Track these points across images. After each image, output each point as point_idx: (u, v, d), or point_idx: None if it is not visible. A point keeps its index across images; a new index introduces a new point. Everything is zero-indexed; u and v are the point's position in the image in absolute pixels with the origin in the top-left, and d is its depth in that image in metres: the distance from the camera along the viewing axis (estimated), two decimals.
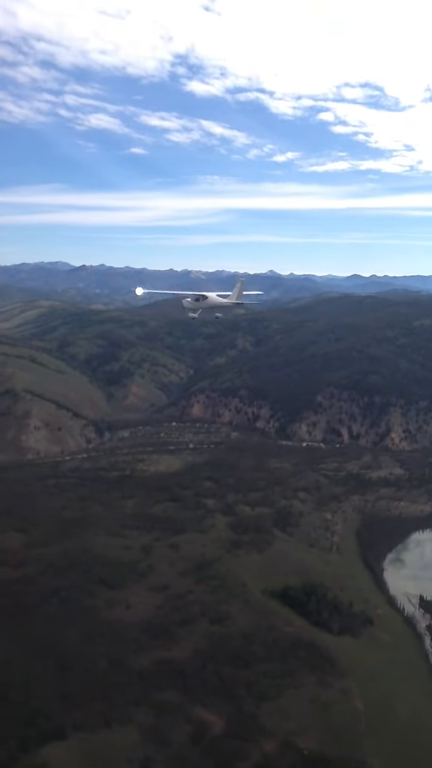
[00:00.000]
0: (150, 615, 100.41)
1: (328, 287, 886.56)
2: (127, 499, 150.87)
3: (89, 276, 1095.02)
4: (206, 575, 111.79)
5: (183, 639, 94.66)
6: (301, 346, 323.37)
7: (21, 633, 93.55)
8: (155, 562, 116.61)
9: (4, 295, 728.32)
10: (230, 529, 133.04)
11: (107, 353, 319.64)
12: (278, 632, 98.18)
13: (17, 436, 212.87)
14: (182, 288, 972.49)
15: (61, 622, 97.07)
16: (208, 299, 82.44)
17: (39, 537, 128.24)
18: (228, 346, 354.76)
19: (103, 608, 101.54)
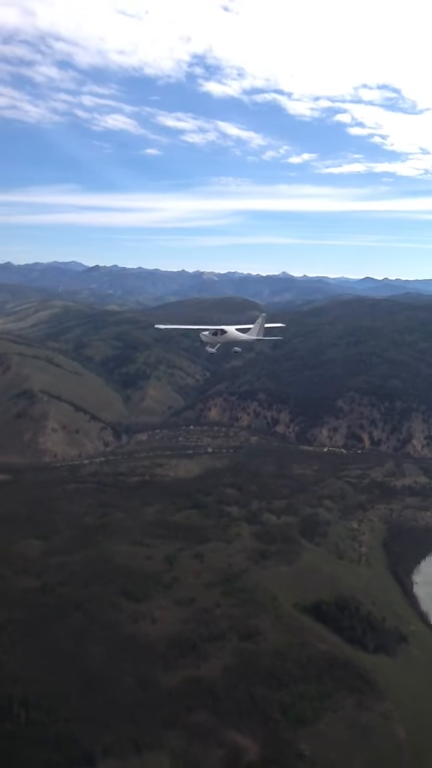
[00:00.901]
0: (177, 630, 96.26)
1: (341, 289, 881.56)
2: (148, 506, 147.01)
3: (102, 276, 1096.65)
4: (234, 588, 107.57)
5: (212, 656, 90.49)
6: (320, 350, 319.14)
7: (44, 647, 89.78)
8: (180, 573, 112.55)
9: (17, 295, 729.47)
10: (256, 539, 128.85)
11: (123, 355, 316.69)
12: (312, 650, 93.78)
13: (34, 438, 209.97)
14: (194, 289, 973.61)
15: (84, 636, 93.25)
16: (227, 334, 78.01)
17: (60, 545, 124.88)
18: (244, 348, 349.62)
19: (128, 622, 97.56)
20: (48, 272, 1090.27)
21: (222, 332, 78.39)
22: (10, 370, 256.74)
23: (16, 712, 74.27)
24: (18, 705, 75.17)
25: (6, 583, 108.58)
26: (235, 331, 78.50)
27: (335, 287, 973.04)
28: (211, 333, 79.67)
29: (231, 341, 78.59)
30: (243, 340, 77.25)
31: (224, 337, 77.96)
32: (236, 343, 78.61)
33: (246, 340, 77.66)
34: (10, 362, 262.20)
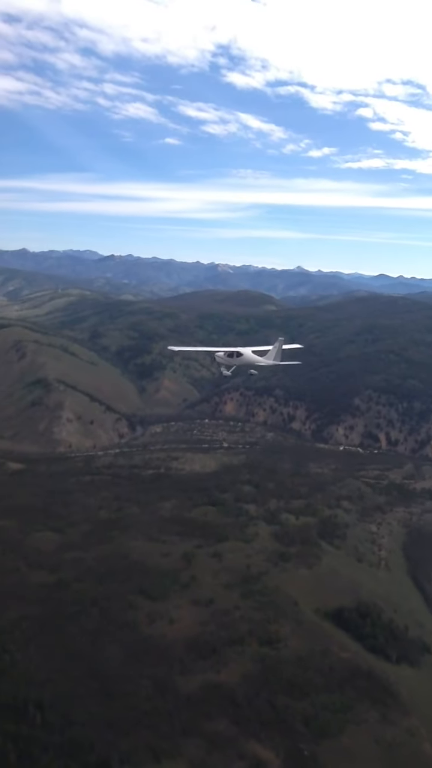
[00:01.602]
0: (195, 632, 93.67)
1: (355, 285, 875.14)
2: (165, 501, 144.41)
3: (117, 265, 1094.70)
4: (253, 590, 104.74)
5: (232, 661, 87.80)
6: (337, 346, 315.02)
7: (58, 646, 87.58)
8: (197, 572, 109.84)
9: (33, 282, 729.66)
10: (275, 539, 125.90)
11: (139, 345, 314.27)
12: (334, 658, 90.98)
13: (49, 428, 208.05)
14: (209, 281, 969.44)
15: (100, 635, 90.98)
16: (243, 356, 74.02)
17: (75, 539, 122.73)
18: (261, 342, 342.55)
19: (145, 622, 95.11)
20: (63, 260, 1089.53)
21: (238, 354, 74.43)
22: (26, 357, 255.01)
23: (32, 714, 72.03)
24: (33, 707, 72.96)
25: (20, 577, 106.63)
26: (252, 353, 74.63)
27: (350, 283, 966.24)
28: (226, 355, 75.80)
29: (247, 364, 74.83)
30: (259, 364, 73.58)
31: (240, 359, 74.06)
32: (252, 366, 74.83)
33: (262, 364, 73.92)
34: (26, 350, 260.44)
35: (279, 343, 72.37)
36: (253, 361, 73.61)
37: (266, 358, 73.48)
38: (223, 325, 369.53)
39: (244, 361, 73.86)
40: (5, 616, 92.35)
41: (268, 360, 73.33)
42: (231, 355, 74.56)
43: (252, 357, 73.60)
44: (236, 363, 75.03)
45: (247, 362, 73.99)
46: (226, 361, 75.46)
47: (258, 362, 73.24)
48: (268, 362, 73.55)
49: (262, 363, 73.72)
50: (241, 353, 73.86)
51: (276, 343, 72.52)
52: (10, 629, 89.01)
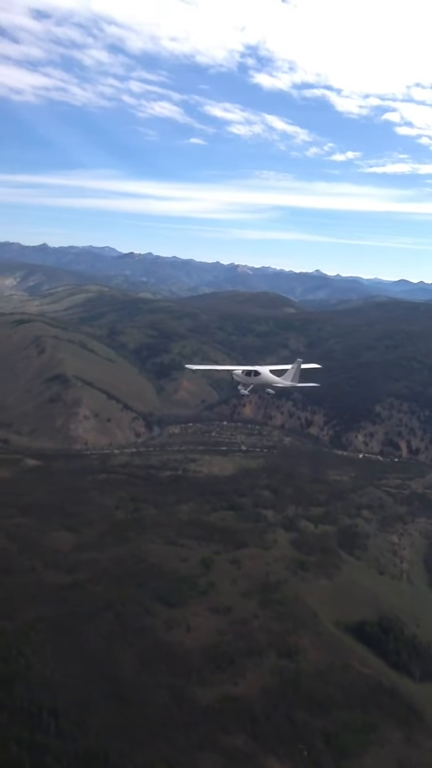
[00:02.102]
0: (212, 641, 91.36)
1: (375, 291, 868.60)
2: (182, 504, 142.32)
3: (136, 263, 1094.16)
4: (272, 599, 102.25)
5: (250, 672, 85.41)
6: (357, 352, 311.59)
7: (73, 649, 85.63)
8: (216, 579, 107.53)
9: (52, 277, 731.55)
10: (294, 547, 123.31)
11: (158, 344, 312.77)
12: (355, 673, 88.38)
13: (66, 424, 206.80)
14: (228, 281, 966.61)
15: (116, 640, 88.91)
16: (260, 376, 72.51)
17: (91, 539, 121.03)
18: (280, 345, 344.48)
19: (162, 628, 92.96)
20: (83, 256, 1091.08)
21: (255, 374, 72.97)
22: (45, 352, 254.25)
23: (46, 721, 70.09)
24: (48, 714, 71.05)
25: (36, 577, 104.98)
26: (269, 373, 73.00)
27: (369, 288, 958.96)
28: (244, 373, 74.43)
29: (264, 384, 73.44)
30: (277, 384, 71.97)
31: (257, 379, 72.61)
32: (270, 386, 73.30)
33: (279, 385, 72.27)
34: (45, 345, 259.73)
35: (297, 365, 70.20)
36: (271, 381, 71.58)
37: (284, 378, 71.29)
38: (243, 326, 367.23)
39: (262, 380, 71.99)
40: (21, 617, 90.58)
41: (286, 381, 71.42)
42: (249, 374, 72.96)
43: (269, 377, 71.64)
44: (253, 382, 73.21)
45: (264, 382, 72.18)
46: (243, 380, 73.63)
47: (276, 383, 71.25)
48: (286, 384, 71.27)
49: (280, 384, 71.47)
50: (258, 373, 71.86)
51: (294, 364, 70.02)
52: (25, 630, 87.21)
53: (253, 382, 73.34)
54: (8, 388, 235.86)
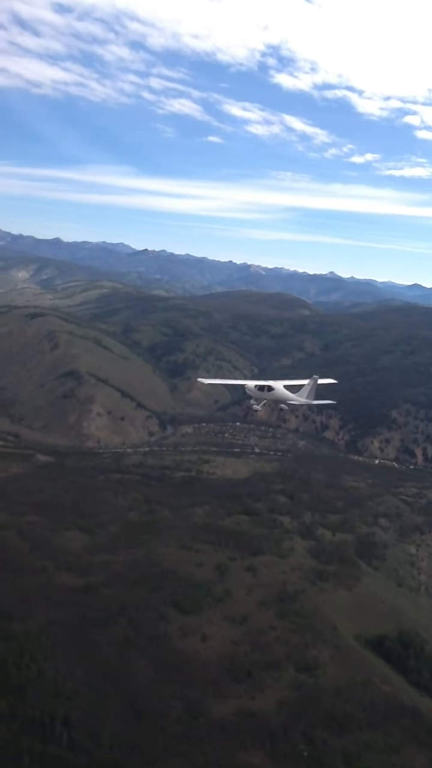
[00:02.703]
0: (229, 651, 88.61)
1: (389, 294, 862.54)
2: (197, 507, 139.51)
3: (150, 260, 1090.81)
4: (289, 610, 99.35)
5: (268, 687, 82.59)
6: (373, 356, 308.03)
7: (85, 656, 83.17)
8: (232, 586, 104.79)
9: (65, 272, 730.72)
10: (311, 556, 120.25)
11: (172, 342, 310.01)
12: (376, 691, 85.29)
13: (79, 422, 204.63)
14: (241, 281, 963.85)
15: (129, 647, 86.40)
16: (274, 391, 69.05)
17: (104, 541, 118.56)
18: (295, 347, 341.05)
19: (177, 637, 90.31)
20: (96, 252, 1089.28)
21: (269, 389, 69.37)
22: (59, 348, 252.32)
23: (59, 732, 67.69)
24: (60, 724, 68.58)
25: (47, 578, 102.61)
26: (283, 388, 69.47)
27: (383, 291, 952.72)
28: (257, 388, 70.90)
29: (278, 399, 69.83)
30: (291, 400, 68.44)
31: (271, 394, 69.22)
32: (283, 402, 69.79)
33: (293, 402, 68.77)
34: (59, 340, 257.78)
35: (313, 381, 66.64)
36: (285, 397, 68.01)
37: (299, 395, 67.81)
38: (257, 327, 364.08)
39: (276, 396, 68.59)
40: (32, 620, 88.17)
41: (300, 398, 67.73)
42: (262, 388, 69.69)
43: (283, 393, 68.20)
44: (267, 397, 70.19)
45: (277, 398, 68.67)
46: (256, 394, 70.58)
47: (291, 400, 67.74)
48: (301, 400, 67.90)
49: (294, 402, 68.20)
50: (272, 388, 68.50)
51: (310, 381, 66.71)
52: (36, 635, 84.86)
53: (266, 397, 70.42)
54: (21, 382, 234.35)
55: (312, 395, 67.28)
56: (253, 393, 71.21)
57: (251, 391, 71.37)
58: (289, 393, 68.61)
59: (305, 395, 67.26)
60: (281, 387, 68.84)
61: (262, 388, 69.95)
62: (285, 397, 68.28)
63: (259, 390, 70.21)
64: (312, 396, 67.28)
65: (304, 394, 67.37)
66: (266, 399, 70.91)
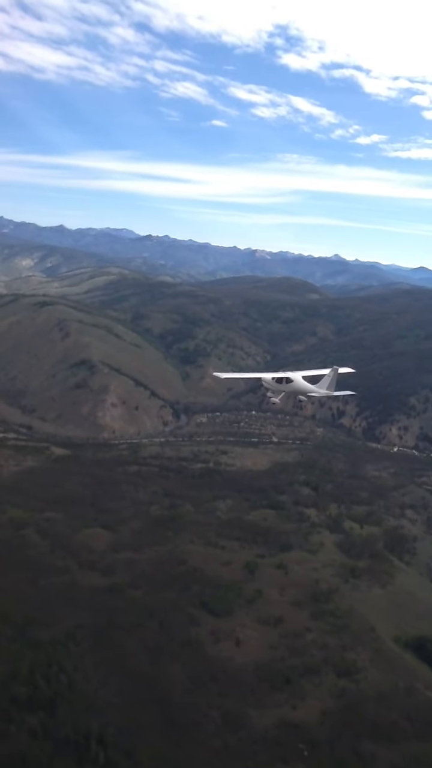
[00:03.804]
0: (265, 656, 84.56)
1: (395, 277, 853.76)
2: (219, 500, 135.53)
3: (154, 246, 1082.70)
4: (324, 610, 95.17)
5: (309, 694, 78.37)
6: (388, 341, 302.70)
7: (116, 664, 79.14)
8: (262, 585, 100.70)
9: (70, 259, 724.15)
10: (341, 551, 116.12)
11: (182, 329, 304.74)
12: (420, 698, 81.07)
13: (93, 412, 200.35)
14: (246, 266, 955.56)
15: (161, 653, 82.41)
16: (293, 383, 64.81)
17: (127, 537, 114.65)
18: (307, 333, 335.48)
19: (210, 641, 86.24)
20: (101, 238, 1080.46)
21: (287, 381, 65.09)
22: (69, 337, 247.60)
23: (94, 751, 63.60)
24: (95, 742, 64.54)
25: (71, 579, 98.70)
26: (302, 380, 65.28)
27: (388, 274, 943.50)
28: (274, 380, 66.58)
29: (297, 392, 65.58)
30: (311, 392, 64.20)
31: (289, 386, 64.98)
32: (303, 394, 65.61)
33: (313, 393, 64.48)
34: (70, 329, 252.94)
35: (333, 372, 62.57)
36: (305, 389, 64.18)
37: (319, 386, 63.75)
38: (268, 312, 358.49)
39: (294, 388, 64.66)
40: (58, 625, 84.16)
41: (320, 390, 63.62)
42: (280, 381, 65.70)
43: (303, 385, 64.29)
44: (285, 389, 65.93)
45: (297, 390, 64.70)
46: (274, 386, 66.43)
47: (311, 392, 63.90)
48: (321, 392, 63.84)
49: (315, 393, 64.15)
50: (291, 380, 64.46)
51: (330, 371, 62.79)
52: (64, 641, 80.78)
53: (284, 389, 66.04)
54: (32, 372, 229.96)
55: (332, 386, 63.30)
56: (270, 386, 67.21)
57: (269, 384, 67.39)
58: (309, 384, 64.81)
59: (325, 386, 63.18)
60: (300, 378, 64.99)
61: (280, 380, 65.99)
62: (304, 389, 64.58)
63: (277, 382, 66.22)
64: (332, 387, 63.21)
65: (324, 385, 63.32)
66: (284, 391, 66.69)
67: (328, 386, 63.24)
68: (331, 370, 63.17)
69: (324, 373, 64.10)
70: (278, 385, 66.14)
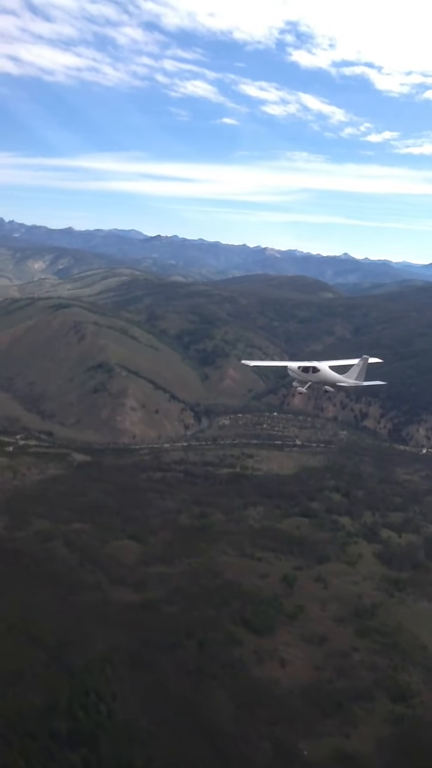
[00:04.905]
0: (312, 679, 79.65)
1: (406, 274, 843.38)
2: (250, 508, 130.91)
3: (163, 246, 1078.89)
4: (370, 627, 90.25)
5: (362, 721, 73.47)
6: (408, 339, 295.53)
7: (156, 688, 74.77)
8: (303, 600, 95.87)
9: (81, 261, 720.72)
10: (381, 562, 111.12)
11: (199, 330, 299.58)
12: None
13: (112, 416, 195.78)
14: (257, 264, 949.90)
15: (202, 676, 77.76)
16: (319, 373, 62.93)
17: (157, 549, 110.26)
18: (325, 332, 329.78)
19: (253, 662, 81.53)
20: (110, 239, 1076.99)
21: (314, 370, 62.67)
22: (86, 339, 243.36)
23: None
24: None
25: (102, 595, 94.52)
26: (329, 369, 62.88)
27: (400, 271, 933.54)
28: (301, 369, 64.16)
29: (324, 381, 63.39)
30: (338, 382, 61.24)
31: (316, 376, 62.67)
32: (330, 384, 62.70)
33: (342, 383, 61.48)
34: (86, 331, 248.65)
35: (363, 361, 60.44)
36: (333, 379, 62.33)
37: (347, 376, 61.78)
38: (284, 311, 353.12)
39: (321, 378, 62.68)
40: (92, 647, 79.80)
41: (349, 379, 61.58)
42: (306, 370, 63.78)
43: (330, 375, 62.49)
44: (312, 379, 63.85)
45: (323, 380, 62.67)
46: (300, 376, 64.42)
47: (339, 381, 62.05)
48: (350, 382, 61.79)
49: (344, 383, 62.13)
50: (317, 369, 62.65)
51: (360, 361, 60.69)
52: (100, 665, 76.35)
53: (311, 379, 64.01)
54: (49, 376, 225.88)
55: (362, 376, 61.30)
56: (296, 375, 65.22)
57: (295, 373, 65.48)
58: (336, 374, 62.96)
59: (355, 376, 61.21)
60: (327, 368, 63.24)
61: (306, 369, 64.02)
62: (332, 379, 62.55)
63: (303, 371, 64.22)
64: (362, 377, 61.23)
65: (353, 374, 61.33)
66: (311, 381, 64.47)
67: (357, 376, 61.60)
68: (360, 360, 61.41)
69: (352, 363, 62.53)
70: (304, 374, 64.48)
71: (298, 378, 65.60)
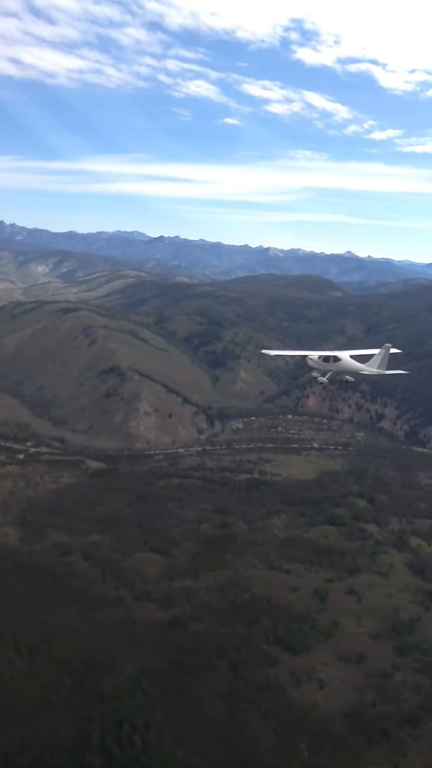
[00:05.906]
0: (353, 702, 75.06)
1: (410, 273, 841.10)
2: (273, 516, 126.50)
3: (166, 247, 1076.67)
4: (409, 644, 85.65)
5: (410, 749, 68.84)
6: (421, 339, 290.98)
7: (190, 715, 70.33)
8: (337, 615, 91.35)
9: (85, 264, 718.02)
10: (413, 572, 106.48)
11: (208, 331, 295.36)
12: None
13: (125, 421, 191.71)
14: (260, 264, 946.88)
15: (238, 701, 73.24)
16: (340, 362, 62.46)
17: (181, 562, 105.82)
18: (336, 332, 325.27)
19: (290, 684, 76.99)
20: (113, 241, 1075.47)
21: (335, 359, 62.35)
22: (96, 343, 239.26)
23: None
24: None
25: (127, 612, 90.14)
26: (350, 359, 62.57)
27: (404, 270, 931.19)
28: (321, 359, 64.04)
29: (345, 371, 62.98)
30: (360, 372, 59.84)
31: (337, 365, 62.17)
32: (352, 374, 61.05)
33: (364, 372, 60.14)
34: (96, 335, 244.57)
35: (385, 350, 60.63)
36: (354, 368, 62.38)
37: (369, 365, 61.57)
38: (294, 311, 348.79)
39: (342, 367, 62.69)
40: (121, 670, 75.50)
41: (372, 368, 61.32)
42: (327, 359, 63.76)
43: (351, 364, 62.57)
44: (332, 369, 63.59)
45: (345, 369, 62.73)
46: (321, 366, 64.24)
47: (361, 370, 61.86)
48: (372, 371, 61.52)
49: (366, 372, 61.88)
50: (338, 358, 62.72)
51: (382, 350, 60.90)
52: (130, 690, 71.94)
53: (331, 368, 63.61)
54: (59, 381, 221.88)
55: (384, 365, 61.16)
56: (316, 365, 65.06)
57: (315, 363, 65.32)
58: (358, 364, 62.66)
59: (377, 365, 61.01)
60: (348, 357, 63.19)
61: (327, 359, 63.86)
62: (354, 368, 62.41)
63: (324, 361, 63.97)
64: (384, 366, 61.13)
65: (375, 363, 61.12)
66: (332, 371, 64.00)
67: (379, 365, 61.04)
68: (383, 348, 61.18)
69: (373, 353, 62.46)
70: (325, 364, 63.77)
71: (318, 368, 65.03)
